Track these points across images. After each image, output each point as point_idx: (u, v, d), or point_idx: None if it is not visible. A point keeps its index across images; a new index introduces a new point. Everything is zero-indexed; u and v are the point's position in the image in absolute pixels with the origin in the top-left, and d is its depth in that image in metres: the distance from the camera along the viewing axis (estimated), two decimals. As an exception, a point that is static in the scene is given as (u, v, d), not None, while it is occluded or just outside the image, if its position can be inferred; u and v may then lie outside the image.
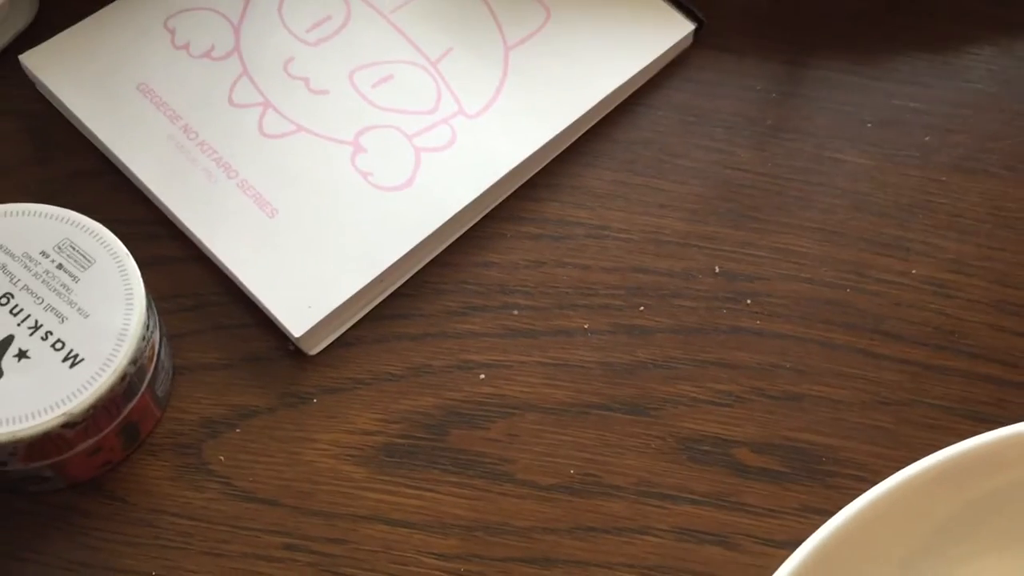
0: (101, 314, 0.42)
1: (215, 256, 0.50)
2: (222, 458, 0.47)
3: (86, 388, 0.41)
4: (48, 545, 0.45)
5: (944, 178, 0.57)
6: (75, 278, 0.43)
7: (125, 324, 0.42)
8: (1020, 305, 0.54)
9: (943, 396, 0.51)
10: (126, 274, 0.43)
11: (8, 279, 0.43)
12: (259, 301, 0.49)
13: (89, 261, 0.43)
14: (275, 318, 0.49)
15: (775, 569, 0.41)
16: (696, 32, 0.59)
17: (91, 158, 0.54)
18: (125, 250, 0.44)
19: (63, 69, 0.55)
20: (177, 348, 0.50)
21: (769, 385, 0.51)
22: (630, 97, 0.58)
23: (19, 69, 0.56)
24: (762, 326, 0.52)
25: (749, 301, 0.53)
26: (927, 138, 0.58)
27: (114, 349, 0.41)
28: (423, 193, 0.52)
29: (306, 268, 0.50)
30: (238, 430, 0.48)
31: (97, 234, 0.44)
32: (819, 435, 0.50)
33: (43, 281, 0.43)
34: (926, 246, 0.55)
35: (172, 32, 0.56)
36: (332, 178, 0.52)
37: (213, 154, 0.52)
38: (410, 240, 0.51)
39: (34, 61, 0.55)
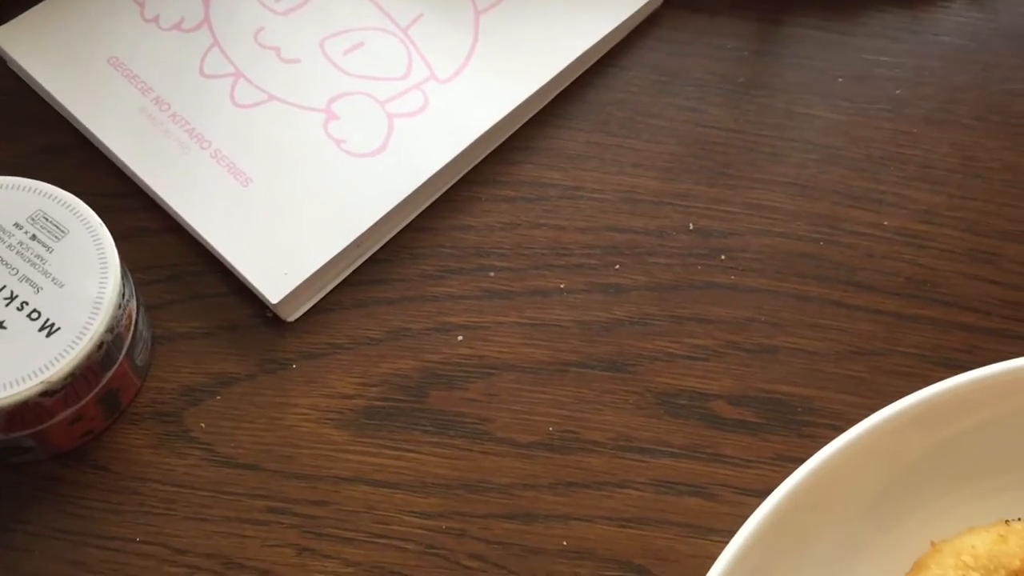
0: (76, 283, 0.42)
1: (190, 226, 0.50)
2: (203, 425, 0.48)
3: (63, 356, 0.41)
4: (33, 515, 0.46)
5: (915, 130, 0.58)
6: (49, 249, 0.43)
7: (100, 292, 0.42)
8: (992, 253, 0.54)
9: (916, 344, 0.52)
10: (100, 243, 0.44)
11: (-18, 252, 0.43)
12: (235, 269, 0.49)
13: (62, 232, 0.44)
14: (252, 285, 0.49)
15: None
16: (666, -9, 0.59)
17: (63, 133, 0.54)
18: (98, 220, 0.44)
19: (33, 45, 0.55)
20: (156, 318, 0.50)
21: (744, 338, 0.51)
22: (602, 58, 0.59)
23: (-11, 46, 0.56)
24: (736, 281, 0.53)
25: (723, 256, 0.54)
26: (898, 91, 0.58)
27: (90, 317, 0.42)
28: (396, 158, 0.53)
29: (281, 235, 0.50)
30: (219, 397, 0.48)
31: (70, 205, 0.44)
32: (794, 386, 0.50)
33: (17, 252, 0.43)
34: (898, 197, 0.56)
35: (141, 5, 0.56)
36: (305, 146, 0.52)
37: (185, 125, 0.52)
38: (384, 205, 0.51)
39: (4, 37, 0.55)
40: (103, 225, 0.44)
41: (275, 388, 0.49)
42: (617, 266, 0.53)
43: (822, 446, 0.44)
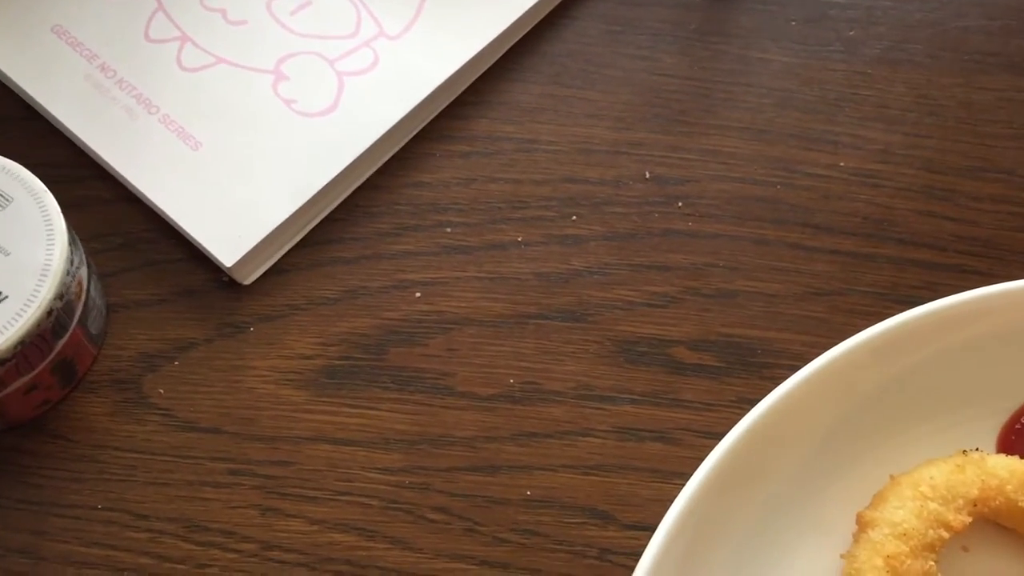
0: (23, 251, 0.42)
1: (141, 193, 0.50)
2: (162, 391, 0.47)
3: (12, 324, 0.41)
4: (-6, 488, 0.46)
5: (869, 71, 0.57)
6: (-7, 218, 0.43)
7: (48, 260, 0.42)
8: (947, 190, 0.54)
9: (874, 283, 0.52)
10: (46, 211, 0.43)
11: (-73, 225, 0.42)
12: (188, 234, 0.49)
13: (7, 200, 0.43)
14: (206, 250, 0.49)
15: (708, 454, 0.42)
16: (616, -60, 0.59)
17: (9, 104, 0.53)
18: (43, 187, 0.44)
19: (-26, 16, 0.54)
20: (110, 287, 0.50)
21: (703, 284, 0.51)
22: (555, 10, 0.58)
23: (-71, 20, 0.55)
24: (694, 227, 0.53)
25: (680, 204, 0.53)
26: (851, 32, 0.58)
27: (37, 285, 0.41)
28: (348, 117, 0.52)
29: (234, 199, 0.50)
30: (176, 363, 0.48)
31: (13, 172, 0.44)
32: (754, 329, 0.50)
33: (-39, 223, 0.43)
34: (854, 138, 0.56)
35: (83, -28, 0.55)
36: (255, 107, 0.52)
37: (132, 91, 0.52)
38: (337, 165, 0.51)
39: (-57, 10, 0.54)
40: (48, 192, 0.44)
41: (233, 352, 0.48)
42: (574, 217, 0.53)
43: (782, 387, 0.44)
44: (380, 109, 0.52)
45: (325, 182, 0.50)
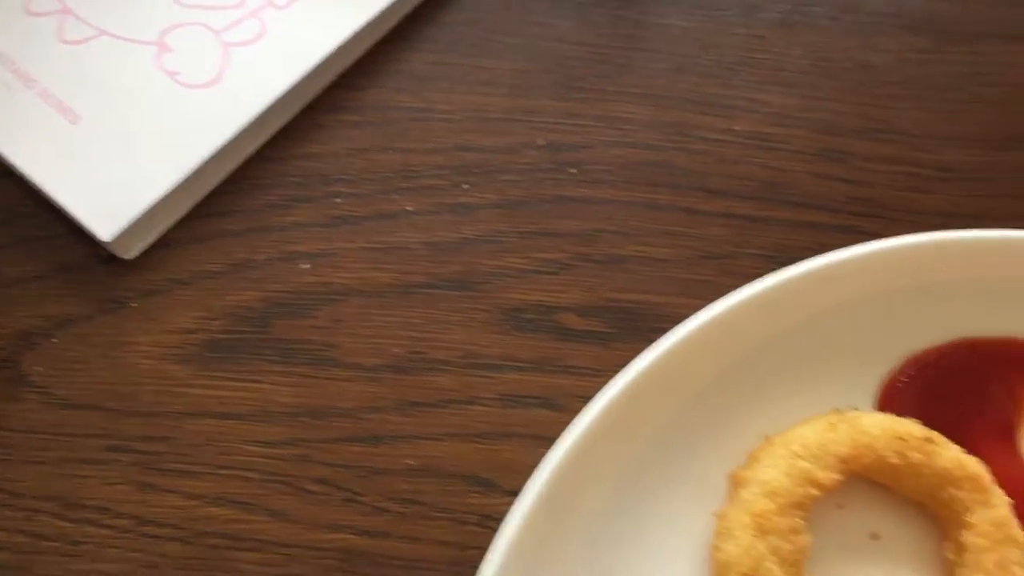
0: None
1: (17, 168, 0.49)
2: (40, 369, 0.47)
3: None
4: None
5: (767, 34, 0.57)
6: None
7: (-93, 237, 0.41)
8: (842, 152, 0.54)
9: (765, 246, 0.52)
10: (-94, 187, 0.42)
11: None
12: (65, 209, 0.48)
13: None
14: (83, 224, 0.48)
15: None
16: (512, -95, 0.58)
17: None
18: (-96, 163, 0.43)
19: None
20: (-10, 265, 0.49)
21: (594, 250, 0.51)
22: (451, -22, 0.58)
23: None
24: (587, 193, 0.53)
25: (574, 170, 0.53)
26: (749, -5, 0.58)
27: None
28: (233, 88, 0.51)
29: (113, 172, 0.49)
30: (55, 340, 0.47)
31: None
32: (644, 294, 0.50)
33: None
34: (749, 102, 0.55)
35: (-36, -55, 0.54)
36: (137, 80, 0.51)
37: (11, 65, 0.51)
38: (220, 136, 0.50)
39: None
40: (-91, 168, 0.43)
41: (114, 327, 0.48)
42: (466, 185, 0.52)
43: (670, 351, 0.44)
44: (266, 80, 0.52)
45: (208, 154, 0.50)
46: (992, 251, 0.47)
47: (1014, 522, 0.42)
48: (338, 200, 0.51)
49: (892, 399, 0.46)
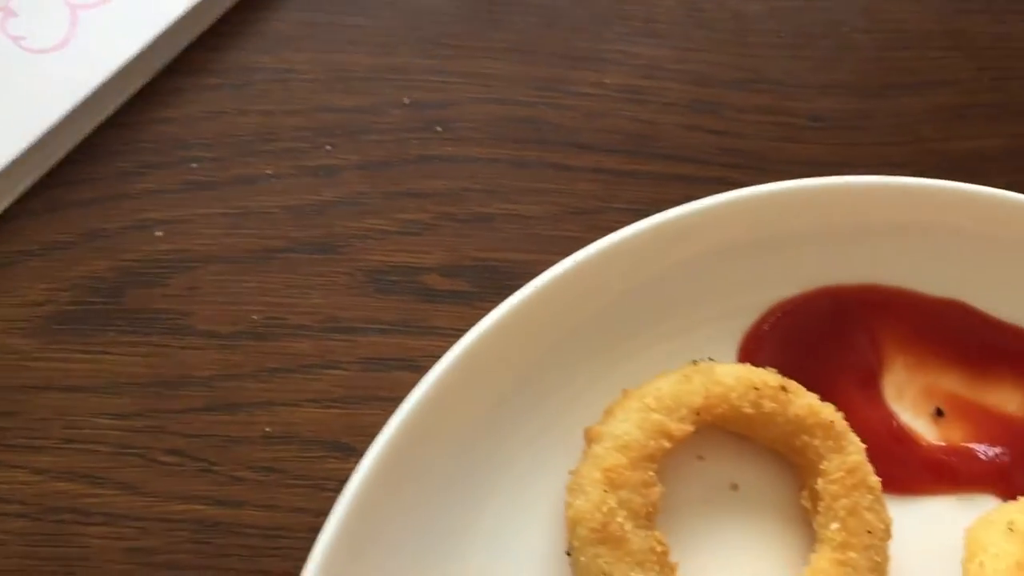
0: None
1: None
2: None
3: None
4: None
5: (639, -15, 0.56)
6: None
7: None
8: (713, 103, 0.54)
9: (634, 200, 0.51)
10: None
11: None
12: (-98, 181, 0.46)
13: None
14: (-80, 197, 0.46)
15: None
16: None
17: None
18: None
19: None
20: None
21: (459, 209, 0.50)
22: (315, -66, 0.56)
23: None
24: (453, 152, 0.52)
25: (439, 128, 0.52)
26: (621, -54, 0.57)
27: None
28: (81, 53, 0.49)
29: (-48, 142, 0.47)
30: None
31: None
32: (510, 252, 0.50)
33: None
34: (620, 55, 0.54)
35: None
36: (-22, 46, 0.49)
37: None
38: (69, 102, 0.48)
39: None
40: None
41: (-42, 302, 0.46)
42: (328, 147, 0.51)
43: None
44: (117, 43, 0.50)
45: (56, 121, 0.48)
46: (852, 197, 0.46)
47: (868, 468, 0.42)
48: (194, 165, 0.50)
49: (754, 349, 0.46)
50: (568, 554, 0.41)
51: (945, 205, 0.47)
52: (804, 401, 0.43)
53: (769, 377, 0.43)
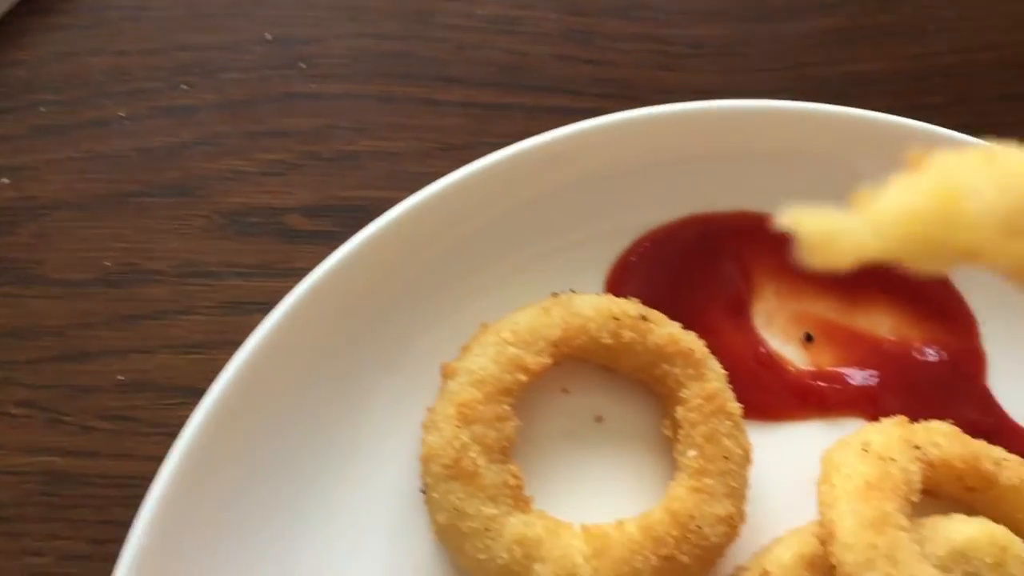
0: None
1: None
2: None
3: None
4: None
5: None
6: None
7: None
8: (588, 32, 0.52)
9: (506, 134, 0.50)
10: None
11: None
12: None
13: None
14: None
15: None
16: None
17: None
18: None
19: None
20: None
21: (324, 148, 0.49)
22: None
23: None
24: (318, 89, 0.50)
25: (303, 65, 0.50)
26: None
27: None
28: (-84, -8, 0.47)
29: None
30: None
31: None
32: (376, 190, 0.48)
33: None
34: (490, -16, 0.53)
35: None
36: None
37: None
38: (-98, 45, 0.46)
39: None
40: None
41: None
42: (184, 87, 0.49)
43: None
44: (-46, -19, 0.47)
45: None
46: (715, 123, 0.45)
47: (727, 395, 0.41)
48: (43, 109, 0.48)
49: (621, 280, 0.45)
50: (423, 492, 0.40)
51: (814, 129, 0.46)
52: (664, 330, 0.42)
53: (629, 307, 0.42)
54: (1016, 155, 0.19)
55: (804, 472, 0.42)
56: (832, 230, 0.17)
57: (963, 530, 0.38)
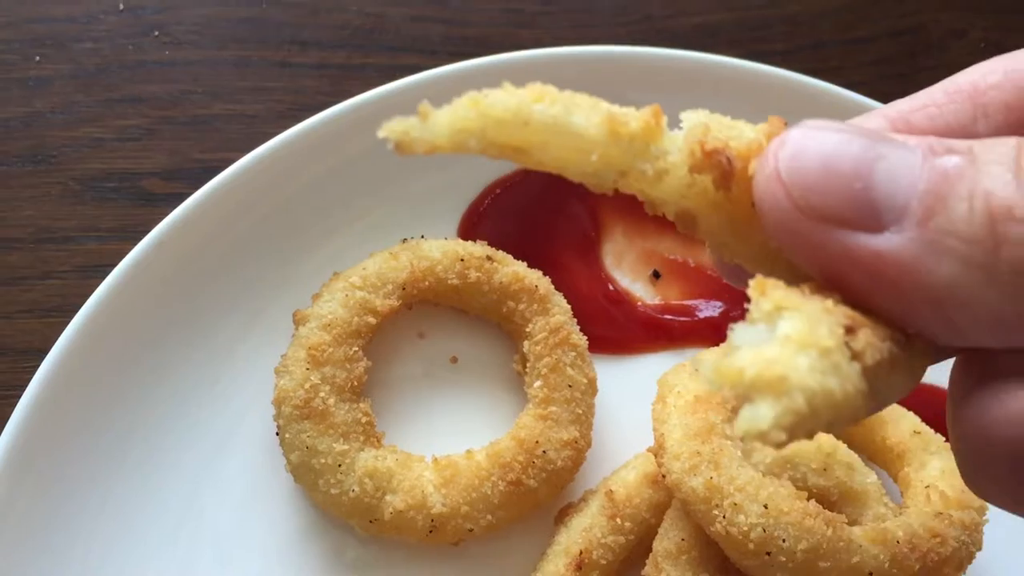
0: None
1: None
2: None
3: None
4: None
5: None
6: None
7: None
8: (440, -7, 0.54)
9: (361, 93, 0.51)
10: None
11: None
12: None
13: None
14: None
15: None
16: None
17: None
18: None
19: None
20: None
21: (179, 112, 0.49)
22: None
23: None
24: (172, 56, 0.51)
25: (157, 33, 0.51)
26: None
27: None
28: None
29: None
30: None
31: None
32: (233, 152, 0.48)
33: None
34: (346, -50, 0.54)
35: None
36: None
37: None
38: None
39: None
40: None
41: None
42: (38, 58, 0.50)
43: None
44: None
45: None
46: (554, 69, 0.47)
47: (571, 328, 0.43)
48: None
49: (473, 226, 0.47)
50: (277, 434, 0.41)
51: (655, 72, 0.48)
52: (509, 269, 0.44)
53: (475, 248, 0.44)
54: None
55: (648, 398, 0.44)
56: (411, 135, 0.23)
57: (791, 440, 0.41)
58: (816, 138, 0.22)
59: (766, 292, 0.22)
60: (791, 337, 0.21)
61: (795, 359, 0.20)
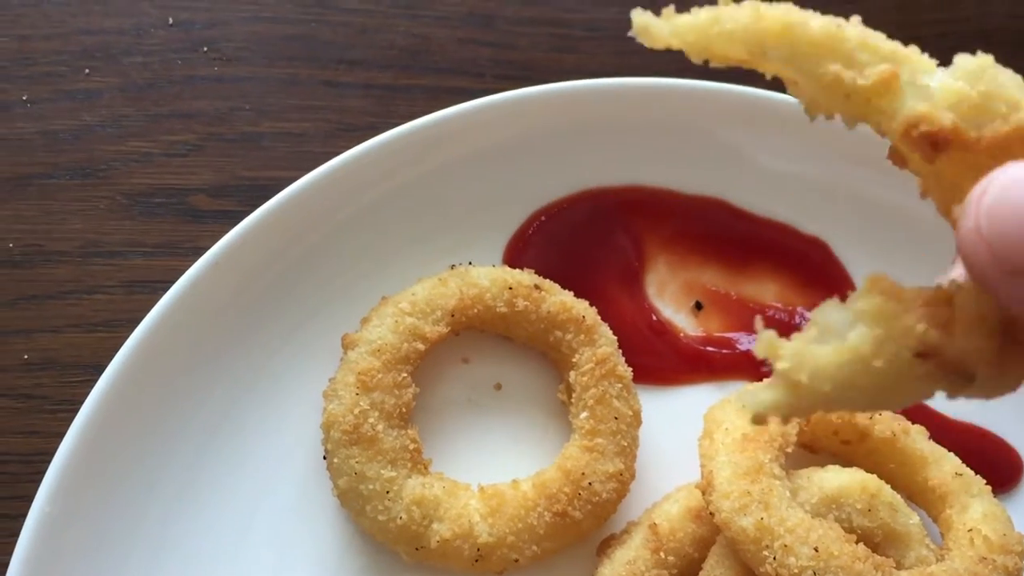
0: None
1: None
2: None
3: None
4: None
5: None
6: None
7: None
8: (488, 16, 0.54)
9: (408, 115, 0.51)
10: None
11: None
12: None
13: None
14: None
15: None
16: None
17: None
18: None
19: None
20: None
21: (227, 129, 0.50)
22: None
23: None
24: (220, 72, 0.51)
25: (206, 49, 0.51)
26: None
27: None
28: None
29: None
30: None
31: None
32: (279, 170, 0.49)
33: None
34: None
35: None
36: None
37: None
38: None
39: None
40: None
41: None
42: (87, 71, 0.50)
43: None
44: None
45: None
46: (601, 99, 0.47)
47: (618, 359, 0.43)
48: (-57, 94, 0.48)
49: (518, 253, 0.47)
50: (325, 458, 0.41)
51: (699, 105, 0.49)
52: (557, 298, 0.44)
53: (523, 277, 0.44)
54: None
55: (694, 433, 0.44)
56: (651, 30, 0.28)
57: (835, 479, 0.41)
58: (1019, 191, 0.22)
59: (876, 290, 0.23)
60: (853, 347, 0.23)
61: (834, 369, 0.23)
